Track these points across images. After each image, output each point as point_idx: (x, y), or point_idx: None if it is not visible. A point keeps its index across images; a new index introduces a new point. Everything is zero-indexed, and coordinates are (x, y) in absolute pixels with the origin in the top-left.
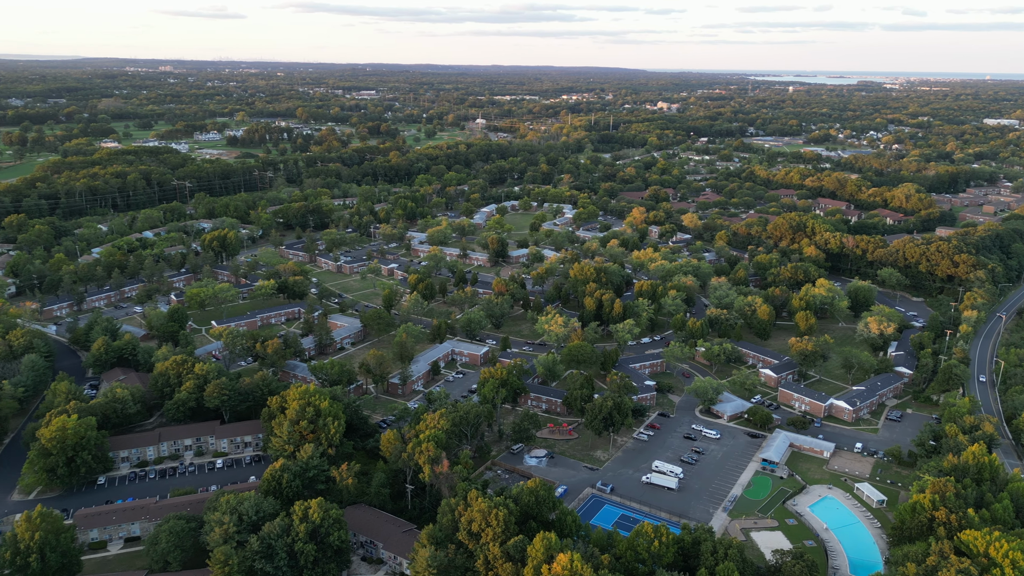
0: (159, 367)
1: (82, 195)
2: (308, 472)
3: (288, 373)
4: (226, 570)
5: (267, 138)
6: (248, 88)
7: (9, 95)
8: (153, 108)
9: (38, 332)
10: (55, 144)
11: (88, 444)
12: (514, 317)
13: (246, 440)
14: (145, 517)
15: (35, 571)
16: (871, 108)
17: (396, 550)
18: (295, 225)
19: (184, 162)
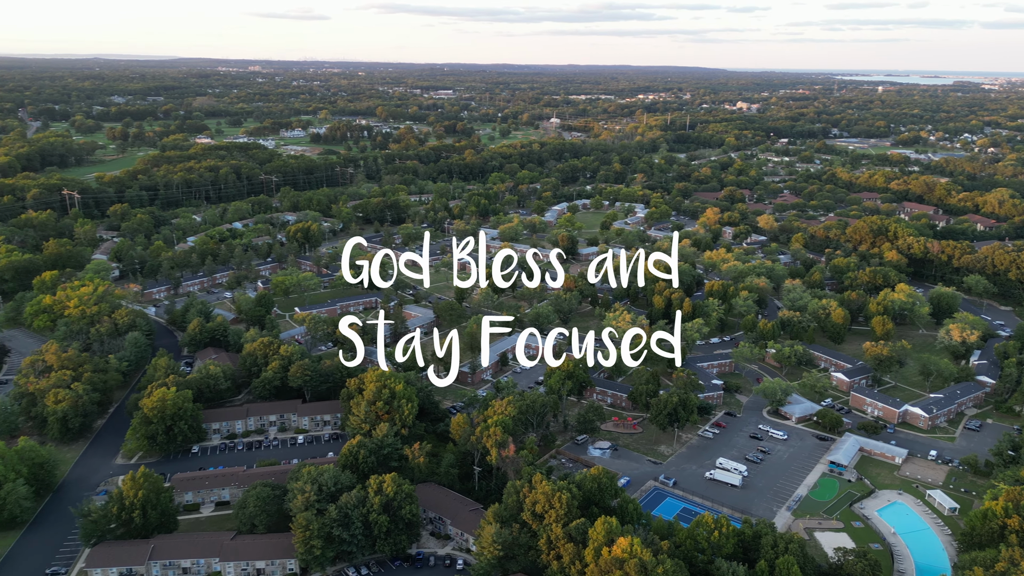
0: (247, 348)
1: (178, 187)
2: (383, 449)
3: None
4: (307, 534)
5: (348, 136)
6: (331, 87)
7: (112, 93)
8: (243, 106)
9: (140, 312)
10: (154, 139)
11: (185, 415)
12: (582, 313)
13: (325, 419)
14: (234, 484)
15: (137, 525)
16: (966, 110)
17: (463, 527)
18: (374, 219)
19: (271, 157)
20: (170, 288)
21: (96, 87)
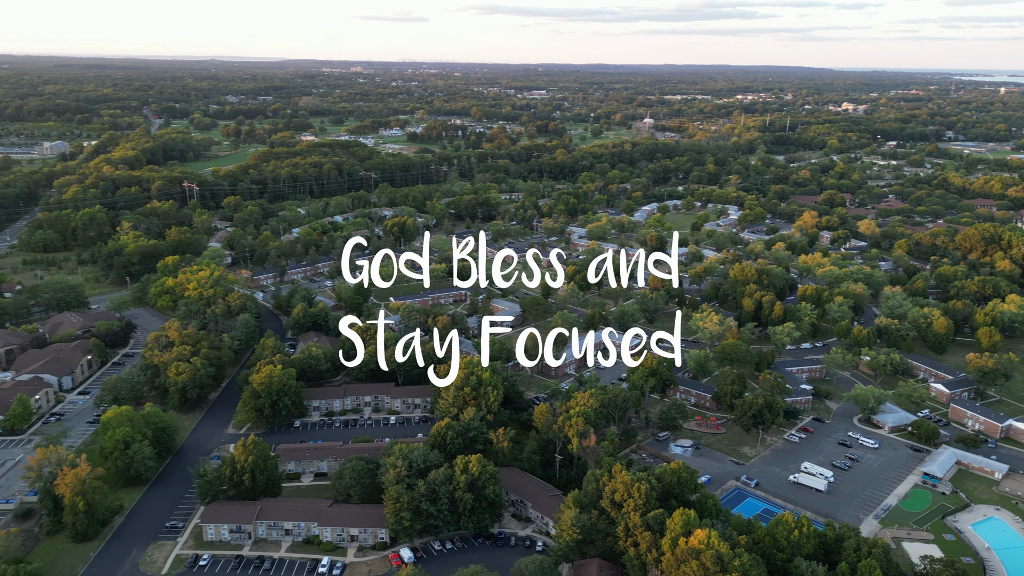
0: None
1: (285, 182)
2: (469, 432)
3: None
4: (397, 506)
5: (443, 135)
6: (428, 88)
7: (227, 92)
8: (345, 106)
9: (250, 296)
10: (264, 136)
11: (289, 391)
12: (668, 313)
13: (416, 402)
14: (332, 457)
15: (246, 488)
16: None
17: (543, 510)
18: (465, 216)
19: (370, 155)
20: (276, 275)
21: (212, 87)
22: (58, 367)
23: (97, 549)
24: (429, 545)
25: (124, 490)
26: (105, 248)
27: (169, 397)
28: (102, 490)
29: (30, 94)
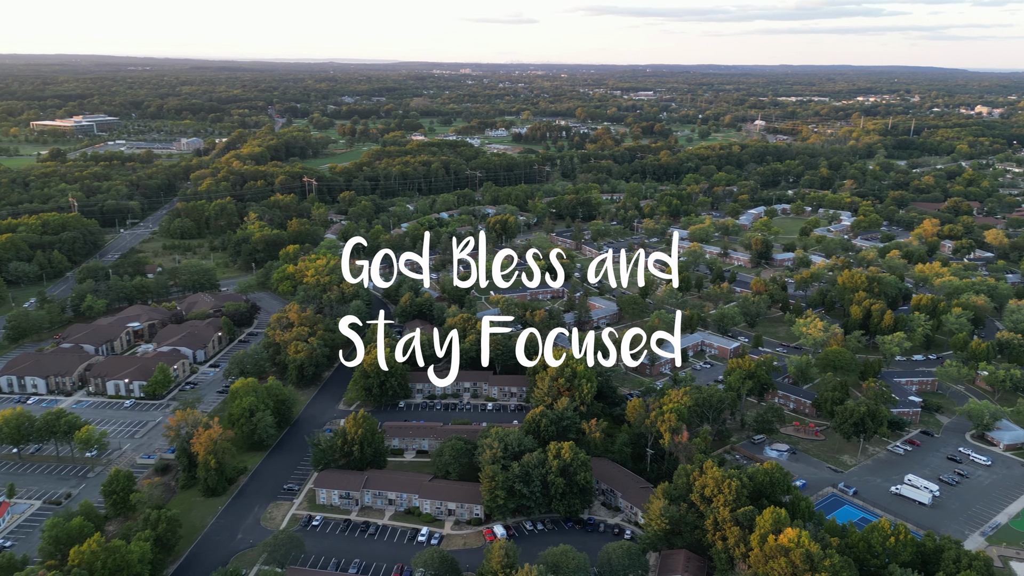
0: (449, 321)
1: (396, 179)
2: (563, 421)
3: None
4: (492, 485)
5: (547, 135)
6: (534, 89)
7: (343, 93)
8: (453, 107)
9: (362, 285)
10: (377, 135)
11: (396, 373)
12: (770, 318)
13: (512, 390)
14: (433, 436)
15: (355, 458)
16: None
17: (633, 501)
18: (565, 215)
19: (476, 155)
20: (385, 266)
21: (330, 88)
22: (193, 341)
23: (224, 504)
24: (521, 525)
25: (248, 454)
26: (234, 236)
27: (288, 373)
28: (230, 451)
29: (169, 94)
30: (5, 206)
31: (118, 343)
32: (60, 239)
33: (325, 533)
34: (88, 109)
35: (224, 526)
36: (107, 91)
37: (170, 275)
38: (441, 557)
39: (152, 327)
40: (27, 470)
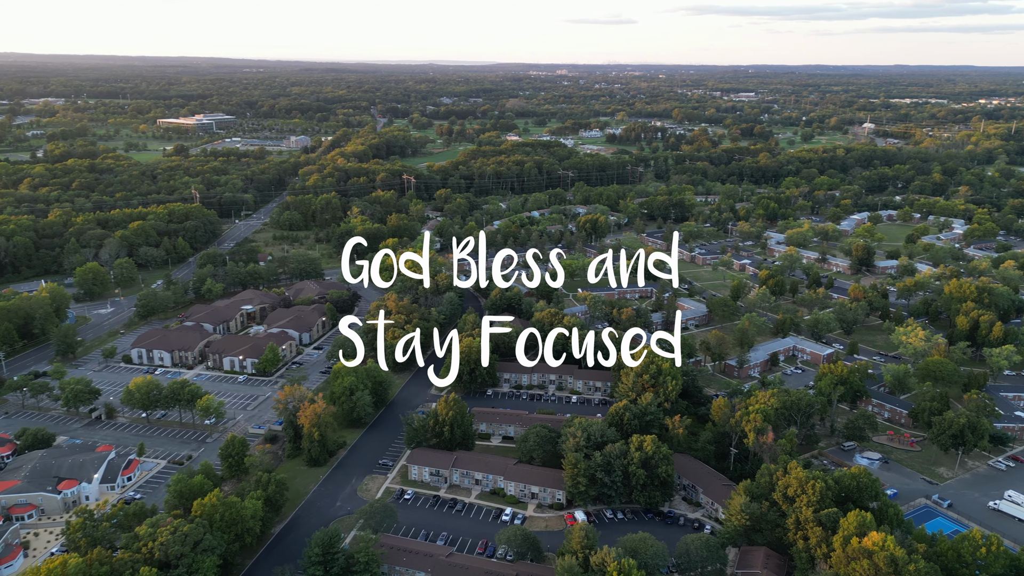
0: (536, 315)
1: (489, 178)
2: (646, 415)
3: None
4: (574, 471)
5: (642, 136)
6: (630, 90)
7: (442, 94)
8: (548, 107)
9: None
10: (472, 135)
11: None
12: (868, 326)
13: (597, 385)
14: (518, 423)
15: (445, 439)
16: None
17: (714, 497)
18: (657, 216)
19: (569, 155)
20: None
21: (430, 89)
22: (299, 324)
23: (325, 473)
24: (601, 512)
25: (347, 430)
26: (338, 229)
27: (385, 357)
28: (332, 426)
29: (280, 95)
30: (136, 196)
31: (233, 323)
32: (184, 227)
33: (415, 506)
34: (208, 108)
35: (324, 494)
36: (225, 92)
37: (279, 263)
38: (524, 535)
39: (263, 310)
40: (154, 433)
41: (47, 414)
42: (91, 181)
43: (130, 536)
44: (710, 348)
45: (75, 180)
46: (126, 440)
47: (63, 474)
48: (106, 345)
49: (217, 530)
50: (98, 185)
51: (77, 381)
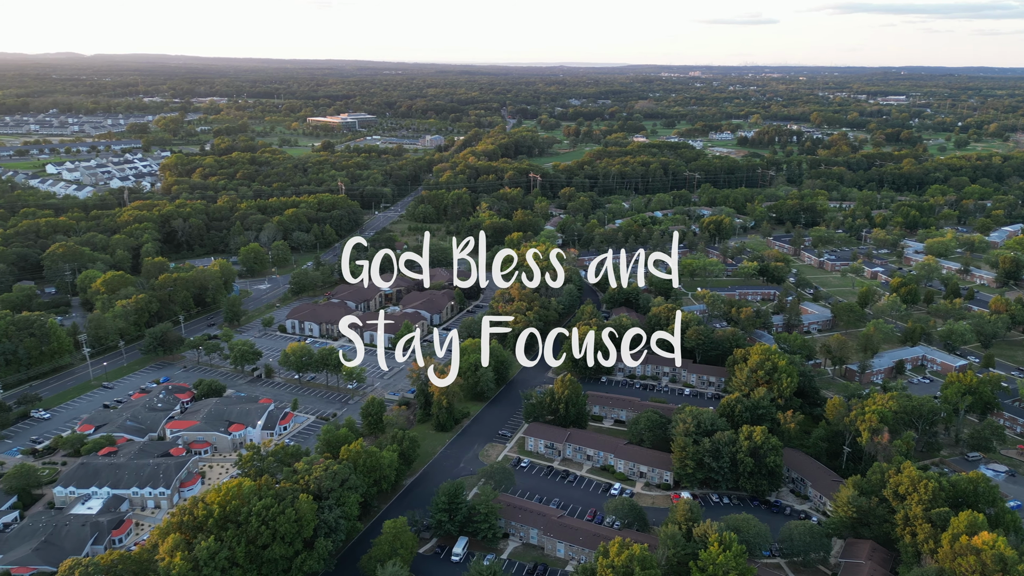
0: (653, 310)
1: (614, 178)
2: (758, 409)
3: (753, 339)
4: (683, 455)
5: (775, 140)
6: (767, 92)
7: (570, 96)
8: (678, 109)
9: (575, 271)
10: (599, 136)
11: (601, 349)
12: (1010, 341)
13: (710, 380)
14: (630, 408)
15: (560, 416)
16: None
17: (822, 491)
18: (786, 220)
19: (697, 157)
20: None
21: (559, 91)
22: (431, 307)
23: (451, 439)
24: (707, 496)
25: (471, 402)
26: (467, 222)
27: (507, 340)
28: (458, 396)
29: (417, 96)
30: (290, 186)
31: (373, 303)
32: (330, 216)
33: (531, 474)
34: (352, 108)
35: (450, 456)
36: (367, 92)
37: (414, 251)
38: (631, 505)
39: (399, 292)
40: (305, 392)
41: (217, 370)
42: (252, 172)
43: (289, 471)
44: (831, 351)
45: (239, 171)
46: (282, 396)
47: (232, 419)
48: (265, 315)
49: (359, 473)
50: (258, 176)
51: (243, 343)
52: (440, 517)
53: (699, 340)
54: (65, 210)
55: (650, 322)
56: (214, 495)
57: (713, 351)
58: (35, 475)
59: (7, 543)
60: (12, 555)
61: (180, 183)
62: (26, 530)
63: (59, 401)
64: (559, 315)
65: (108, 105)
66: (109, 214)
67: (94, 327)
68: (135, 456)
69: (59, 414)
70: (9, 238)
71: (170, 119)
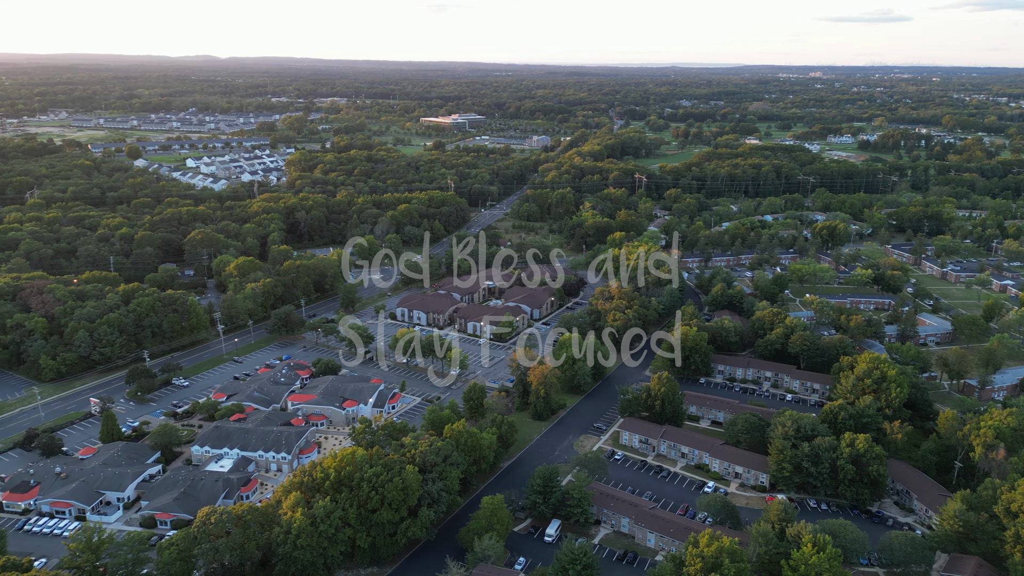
0: (757, 314)
1: (723, 180)
2: (863, 417)
3: (863, 348)
4: (780, 457)
5: (901, 144)
6: (894, 94)
7: (681, 97)
8: (795, 111)
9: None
10: (709, 138)
11: (699, 350)
12: None
13: (814, 387)
14: (728, 410)
15: (656, 412)
16: None
17: (928, 504)
18: (907, 228)
19: (812, 160)
20: (702, 260)
21: (669, 92)
22: (532, 302)
23: (547, 428)
24: (805, 501)
25: (568, 394)
26: (570, 221)
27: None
28: (556, 387)
29: (526, 97)
30: (402, 183)
31: (477, 295)
32: (440, 212)
33: (624, 467)
34: (462, 109)
35: (545, 443)
36: (477, 94)
37: (517, 249)
38: (724, 502)
39: (502, 288)
40: (412, 376)
41: (333, 351)
42: (368, 169)
43: (397, 444)
44: (948, 364)
45: (356, 168)
46: (391, 378)
47: (346, 396)
48: (377, 303)
49: (461, 451)
50: (374, 172)
51: (357, 327)
52: (535, 498)
53: (804, 346)
54: (203, 200)
55: (753, 326)
56: (330, 461)
57: (818, 358)
58: (176, 434)
59: (152, 492)
60: (156, 502)
61: (303, 178)
62: (168, 482)
63: (196, 371)
64: (659, 315)
65: (240, 105)
66: (241, 205)
67: (227, 307)
68: (261, 423)
69: (196, 383)
70: (156, 224)
71: (295, 118)
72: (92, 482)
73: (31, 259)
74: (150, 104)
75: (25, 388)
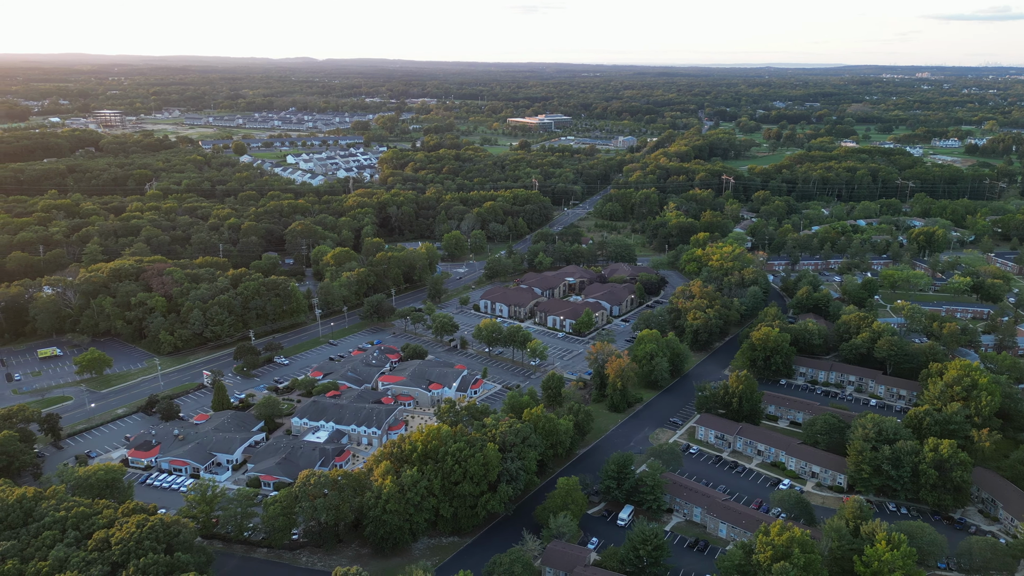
0: (844, 318)
1: (815, 183)
2: (949, 424)
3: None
4: (859, 459)
5: (1012, 149)
6: (1009, 96)
7: (774, 98)
8: (898, 113)
9: (762, 274)
10: (802, 140)
11: (781, 351)
12: None
13: (900, 392)
14: (807, 411)
15: (733, 410)
16: None
17: (1015, 513)
18: (1013, 236)
19: (913, 164)
20: (788, 263)
21: (762, 93)
22: (611, 298)
23: (623, 420)
24: (884, 504)
25: (645, 389)
26: (653, 221)
27: (684, 335)
28: (633, 380)
29: (613, 97)
30: (488, 181)
31: (557, 291)
32: (524, 209)
33: (699, 461)
34: (549, 109)
35: (621, 434)
36: (564, 95)
37: (598, 246)
38: (798, 499)
39: (582, 283)
40: (493, 364)
41: (420, 338)
42: (456, 167)
43: (479, 424)
44: None
45: (444, 166)
46: (473, 365)
47: (432, 379)
48: (462, 295)
49: (538, 434)
50: (461, 171)
51: (443, 316)
52: (609, 483)
53: (891, 351)
54: (302, 194)
55: (839, 330)
56: (417, 435)
57: (906, 364)
58: (277, 407)
59: (257, 456)
60: (260, 466)
61: (395, 175)
62: (270, 448)
63: (295, 352)
64: (741, 316)
65: (336, 104)
66: (337, 199)
67: (324, 293)
68: (354, 400)
69: (295, 362)
70: (260, 215)
71: (387, 118)
72: (205, 444)
73: (151, 244)
74: (254, 104)
75: (147, 360)
